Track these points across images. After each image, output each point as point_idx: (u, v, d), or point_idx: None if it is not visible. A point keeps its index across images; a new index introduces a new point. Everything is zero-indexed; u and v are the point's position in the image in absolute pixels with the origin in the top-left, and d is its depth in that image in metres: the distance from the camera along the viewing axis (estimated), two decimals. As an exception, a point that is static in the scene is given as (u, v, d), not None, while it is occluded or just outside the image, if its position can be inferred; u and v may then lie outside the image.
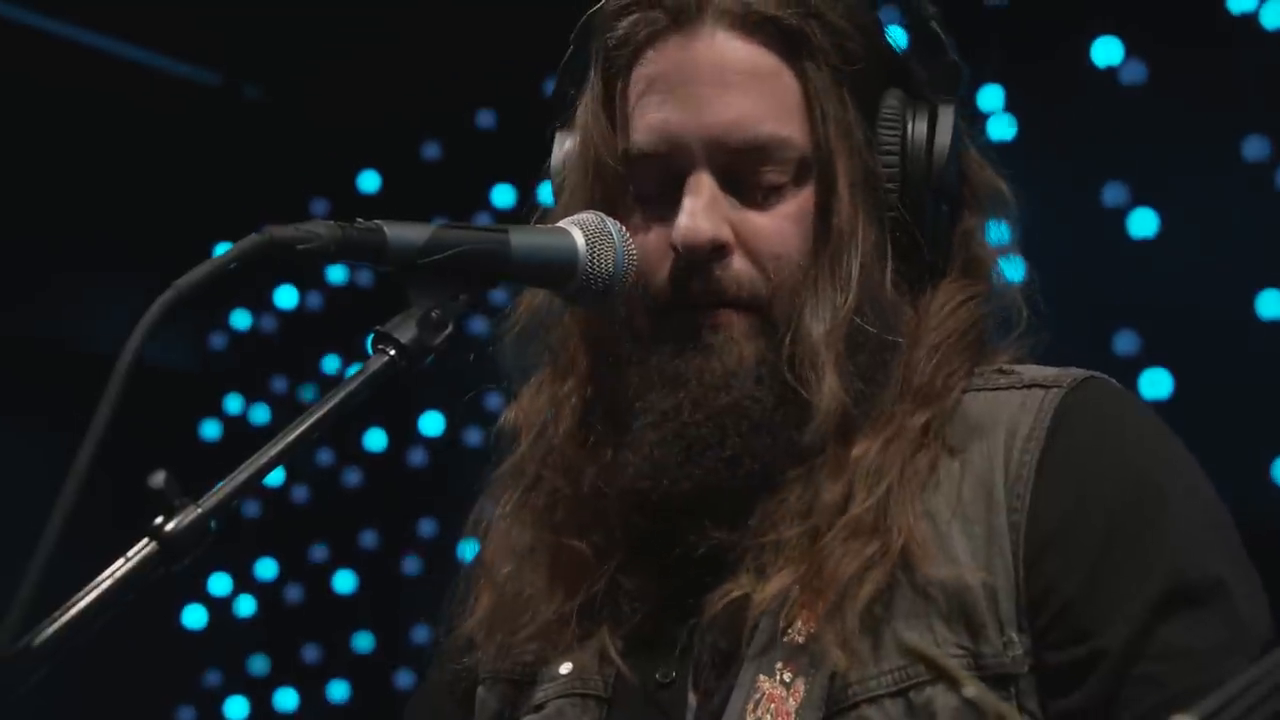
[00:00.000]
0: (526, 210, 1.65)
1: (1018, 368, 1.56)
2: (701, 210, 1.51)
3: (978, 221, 1.61)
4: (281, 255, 1.29)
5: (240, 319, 5.50)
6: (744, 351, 1.51)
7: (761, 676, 1.45)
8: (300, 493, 5.38)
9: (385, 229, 1.37)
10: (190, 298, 1.20)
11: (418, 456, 5.22)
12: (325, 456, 5.37)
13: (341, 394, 1.32)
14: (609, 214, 1.56)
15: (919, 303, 1.56)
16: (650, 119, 1.54)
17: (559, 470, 1.58)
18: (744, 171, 1.52)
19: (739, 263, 1.52)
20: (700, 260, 1.51)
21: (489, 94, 5.07)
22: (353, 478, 5.33)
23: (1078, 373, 1.54)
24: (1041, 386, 1.52)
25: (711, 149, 1.52)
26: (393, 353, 1.35)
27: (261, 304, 5.48)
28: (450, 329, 1.38)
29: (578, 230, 1.48)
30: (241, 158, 5.42)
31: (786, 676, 1.44)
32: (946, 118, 1.56)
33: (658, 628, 1.54)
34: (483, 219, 5.08)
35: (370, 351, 1.36)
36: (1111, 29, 4.16)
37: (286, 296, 5.46)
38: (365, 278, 5.32)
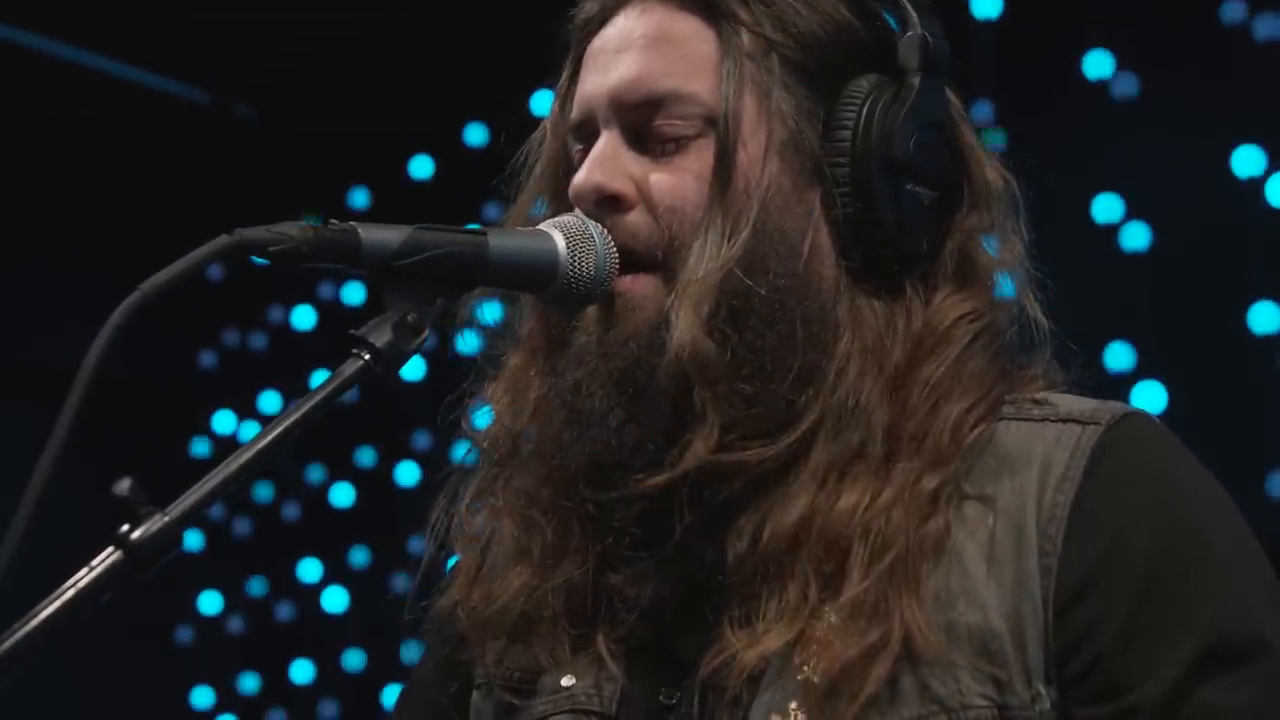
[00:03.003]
0: (515, 187, 1.65)
1: (1053, 397, 1.49)
2: (595, 162, 1.50)
3: (980, 220, 1.54)
4: (252, 255, 1.27)
5: (231, 336, 5.49)
6: (641, 316, 1.47)
7: (775, 717, 1.41)
8: (291, 510, 5.37)
9: (360, 230, 1.34)
10: (157, 300, 1.18)
11: (409, 473, 5.21)
12: (316, 474, 5.35)
13: (314, 400, 1.29)
14: (555, 191, 1.56)
15: (891, 302, 1.50)
16: (578, 92, 1.56)
17: (523, 453, 1.56)
18: (644, 126, 1.50)
19: (637, 215, 1.49)
20: (596, 213, 1.49)
21: (480, 110, 5.06)
22: (343, 495, 5.31)
23: (1117, 408, 1.47)
24: (1078, 422, 1.45)
25: (615, 107, 1.51)
26: (367, 357, 1.33)
27: (251, 321, 5.47)
28: (426, 333, 1.35)
29: (558, 233, 1.46)
30: (232, 176, 5.42)
31: (800, 717, 1.40)
32: (908, 91, 1.50)
33: (654, 638, 1.51)
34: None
35: (346, 355, 1.34)
36: (1103, 42, 4.15)
37: (277, 313, 5.46)
38: (355, 294, 5.31)
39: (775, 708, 1.41)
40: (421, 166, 5.26)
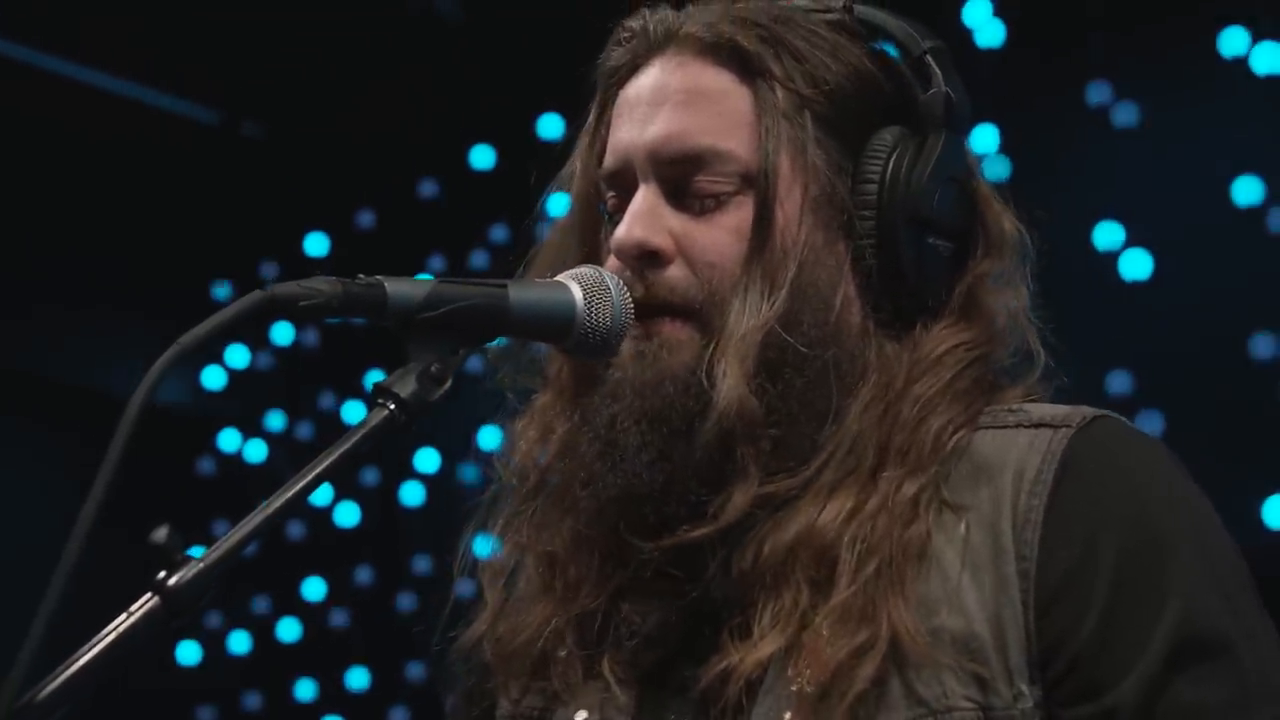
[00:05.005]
0: (522, 249, 1.68)
1: (1027, 406, 1.54)
2: (635, 217, 1.54)
3: (991, 266, 1.60)
4: (283, 310, 1.31)
5: (237, 356, 5.51)
6: (676, 359, 1.52)
7: None
8: (295, 529, 5.39)
9: (386, 285, 1.38)
10: (193, 353, 1.22)
11: (413, 493, 5.23)
12: (321, 493, 5.36)
13: (342, 448, 1.33)
14: (588, 236, 1.61)
15: (905, 342, 1.55)
16: (612, 140, 1.60)
17: (550, 487, 1.60)
18: (684, 182, 1.55)
19: (676, 270, 1.54)
20: (636, 266, 1.54)
21: (486, 132, 5.10)
22: (348, 514, 5.34)
23: (1087, 411, 1.51)
24: (1050, 426, 1.50)
25: (653, 161, 1.55)
26: (392, 407, 1.37)
27: (258, 341, 5.49)
28: (450, 383, 1.39)
29: (576, 285, 1.50)
30: (240, 194, 5.44)
31: None
32: (932, 148, 1.55)
33: (660, 666, 1.55)
34: (480, 256, 5.11)
35: (370, 405, 1.38)
36: (1104, 71, 4.19)
37: (283, 333, 5.48)
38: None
39: (771, 718, 1.45)
40: (428, 187, 5.29)
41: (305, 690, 5.33)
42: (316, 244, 5.43)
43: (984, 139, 4.25)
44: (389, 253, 5.22)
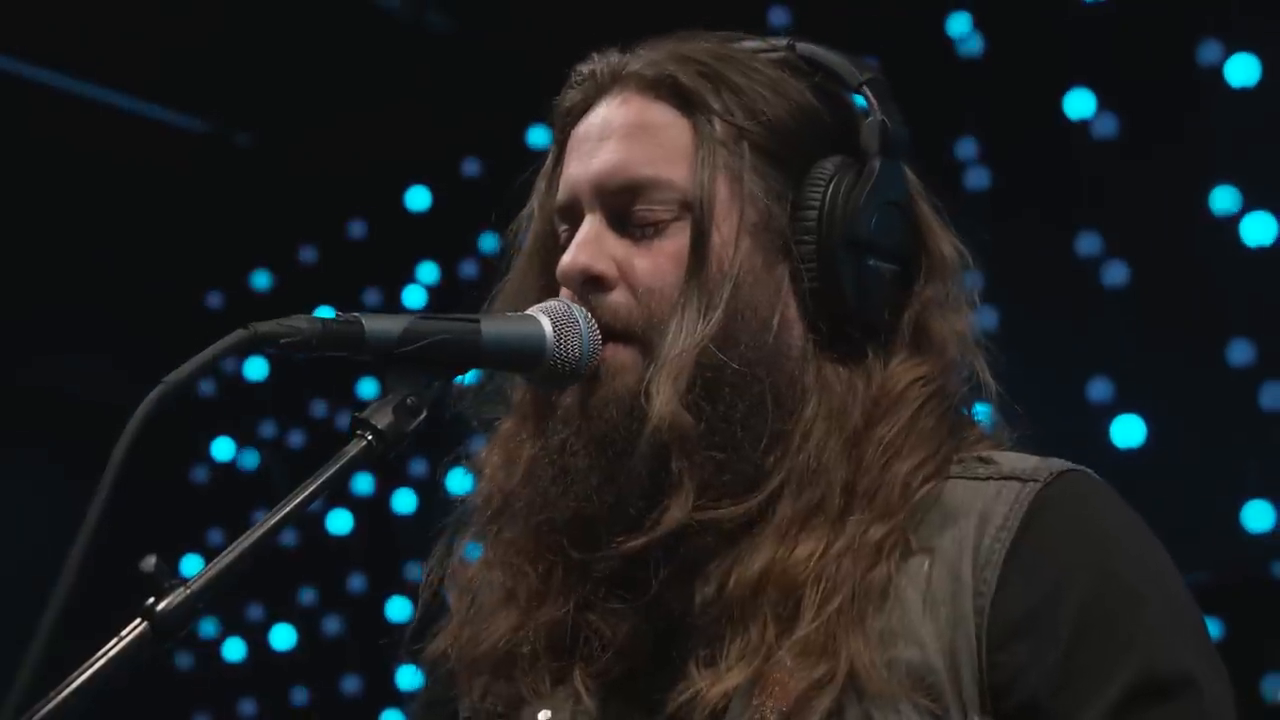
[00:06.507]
0: (506, 262, 1.73)
1: (997, 456, 1.58)
2: (580, 245, 1.60)
3: (936, 291, 1.64)
4: (265, 348, 1.37)
5: (228, 362, 5.55)
6: (620, 382, 1.57)
7: None
8: (288, 537, 5.43)
9: (363, 322, 1.43)
10: (179, 393, 1.27)
11: (405, 501, 5.28)
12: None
13: (322, 478, 1.38)
14: (548, 270, 1.66)
15: (855, 370, 1.59)
16: (563, 176, 1.66)
17: (513, 509, 1.65)
18: (626, 210, 1.60)
19: (619, 295, 1.59)
20: (581, 292, 1.59)
21: (477, 142, 5.14)
22: (341, 522, 5.38)
23: (1056, 465, 1.55)
24: (1019, 479, 1.54)
25: (597, 192, 1.61)
26: (370, 438, 1.42)
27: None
28: (425, 414, 1.45)
29: (546, 318, 1.56)
30: (231, 205, 5.48)
31: None
32: (869, 173, 1.60)
33: (628, 677, 1.60)
34: (469, 266, 5.15)
35: (350, 436, 1.43)
36: (1083, 82, 4.24)
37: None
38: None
39: None
40: (418, 198, 5.33)
41: (299, 696, 5.37)
42: (308, 254, 5.47)
43: (965, 149, 4.31)
44: (380, 263, 5.27)
